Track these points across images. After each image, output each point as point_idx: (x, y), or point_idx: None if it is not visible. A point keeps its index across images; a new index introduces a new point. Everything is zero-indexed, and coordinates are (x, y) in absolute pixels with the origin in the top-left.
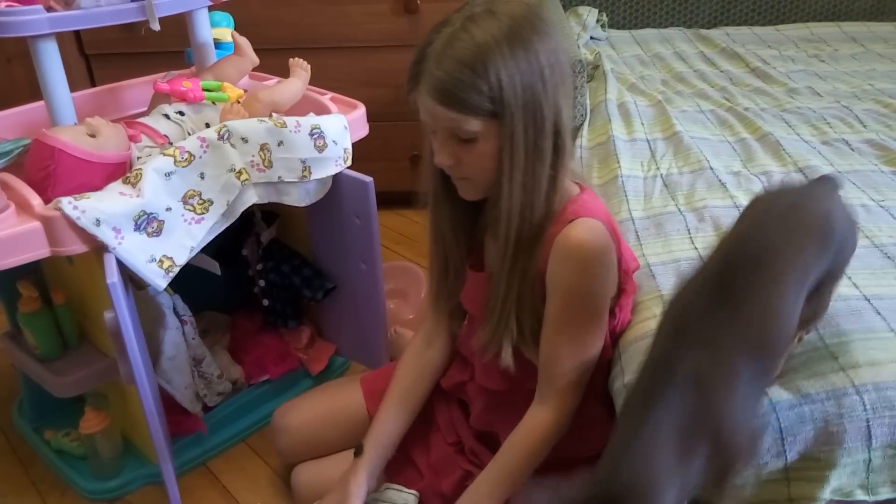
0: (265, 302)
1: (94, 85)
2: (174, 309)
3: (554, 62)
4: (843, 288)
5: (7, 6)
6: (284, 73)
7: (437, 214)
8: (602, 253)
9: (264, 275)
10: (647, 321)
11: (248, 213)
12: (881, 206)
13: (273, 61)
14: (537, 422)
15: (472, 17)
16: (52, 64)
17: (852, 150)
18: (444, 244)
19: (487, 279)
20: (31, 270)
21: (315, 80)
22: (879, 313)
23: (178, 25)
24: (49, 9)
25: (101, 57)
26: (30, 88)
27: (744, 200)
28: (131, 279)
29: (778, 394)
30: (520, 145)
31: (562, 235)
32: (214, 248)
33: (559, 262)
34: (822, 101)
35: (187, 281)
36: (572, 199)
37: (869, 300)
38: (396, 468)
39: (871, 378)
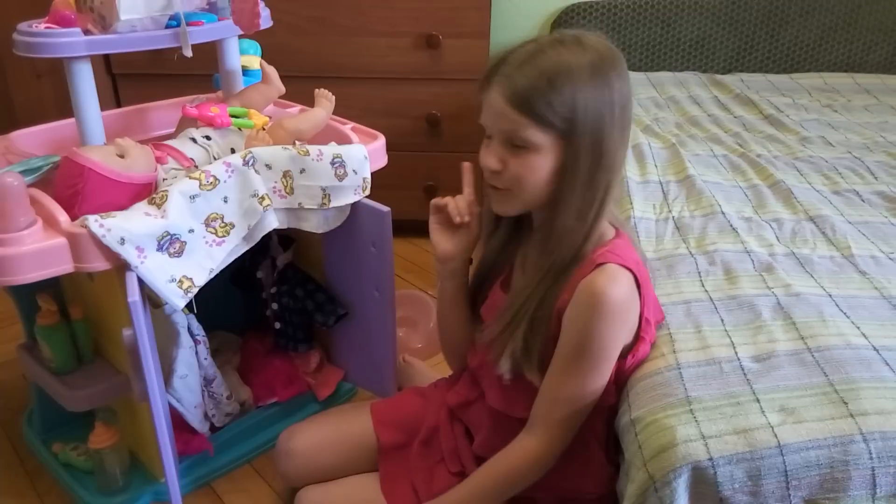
0: (277, 325)
1: (119, 104)
2: (189, 328)
3: (625, 104)
4: (852, 337)
5: (47, 27)
6: (307, 99)
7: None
8: (623, 304)
9: (278, 298)
10: (655, 360)
11: (265, 237)
12: (890, 259)
13: (296, 88)
14: (520, 447)
15: (560, 41)
16: (85, 85)
17: (863, 201)
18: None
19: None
20: (51, 284)
21: (336, 109)
22: (888, 364)
23: (206, 51)
24: (86, 32)
25: (128, 77)
26: (57, 104)
27: (755, 246)
28: (148, 297)
29: (786, 436)
30: (580, 171)
31: (587, 281)
32: (230, 270)
33: (579, 305)
34: (834, 151)
35: (200, 300)
36: (605, 242)
37: (878, 350)
38: (399, 496)
39: (879, 426)
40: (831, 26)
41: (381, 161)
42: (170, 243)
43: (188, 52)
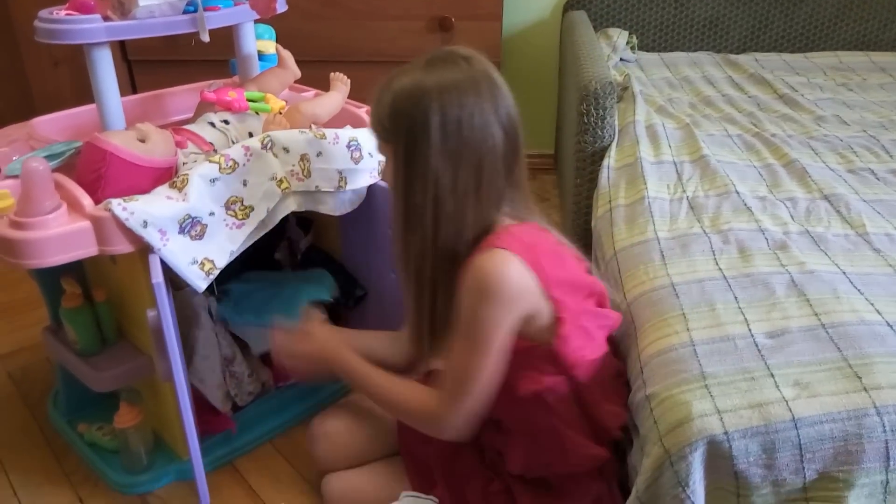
0: None
1: (135, 90)
2: (208, 310)
3: (447, 122)
4: (866, 314)
5: (67, 14)
6: (321, 84)
7: None
8: (504, 287)
9: None
10: (668, 337)
11: (283, 219)
12: None
13: (310, 72)
14: (424, 393)
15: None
16: (105, 71)
17: (878, 179)
18: None
19: None
20: (74, 268)
21: (351, 92)
22: None
23: (220, 36)
24: (106, 18)
25: (143, 63)
26: (74, 92)
27: (769, 224)
28: (170, 280)
29: (800, 409)
30: (400, 171)
31: (470, 264)
32: (248, 252)
33: (465, 288)
34: (849, 129)
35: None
36: (495, 232)
37: (891, 326)
38: (416, 475)
39: (893, 400)
40: (846, 4)
41: None
42: (191, 226)
43: (205, 38)
